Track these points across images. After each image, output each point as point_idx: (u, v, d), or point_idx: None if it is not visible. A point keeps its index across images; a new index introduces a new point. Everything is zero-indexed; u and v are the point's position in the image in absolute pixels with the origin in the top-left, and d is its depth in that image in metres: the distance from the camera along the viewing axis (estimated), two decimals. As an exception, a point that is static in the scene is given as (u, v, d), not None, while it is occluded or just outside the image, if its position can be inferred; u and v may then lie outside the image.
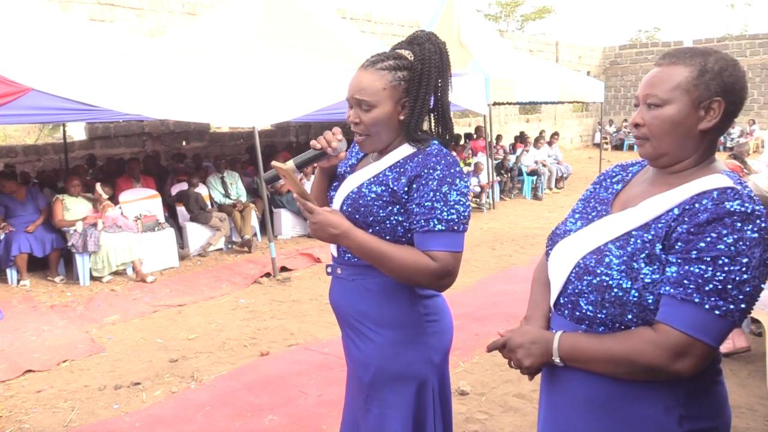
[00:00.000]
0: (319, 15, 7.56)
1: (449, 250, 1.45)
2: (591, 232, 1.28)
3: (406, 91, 1.50)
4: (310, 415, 3.14)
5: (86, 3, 9.30)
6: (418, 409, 1.59)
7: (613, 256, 1.19)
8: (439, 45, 1.52)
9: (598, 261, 1.20)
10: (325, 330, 4.42)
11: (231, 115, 5.73)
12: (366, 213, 1.51)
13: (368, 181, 1.54)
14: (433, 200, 1.44)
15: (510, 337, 1.34)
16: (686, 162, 1.23)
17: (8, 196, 6.11)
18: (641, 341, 1.14)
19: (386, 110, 1.50)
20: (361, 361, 1.60)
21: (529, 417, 3.06)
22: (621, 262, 1.17)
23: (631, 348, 1.15)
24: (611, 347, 1.17)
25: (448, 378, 1.69)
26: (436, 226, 1.44)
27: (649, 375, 1.15)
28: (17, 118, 4.98)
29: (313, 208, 1.47)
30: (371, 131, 1.52)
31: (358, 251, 1.48)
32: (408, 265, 1.44)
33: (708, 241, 1.09)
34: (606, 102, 21.07)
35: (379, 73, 1.49)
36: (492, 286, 5.41)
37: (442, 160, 1.48)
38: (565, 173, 12.13)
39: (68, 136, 9.94)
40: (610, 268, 1.18)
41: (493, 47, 10.58)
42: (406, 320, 1.56)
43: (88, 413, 3.27)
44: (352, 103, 1.53)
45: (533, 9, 30.21)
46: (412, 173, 1.48)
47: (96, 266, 5.93)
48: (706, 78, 1.17)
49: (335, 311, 1.69)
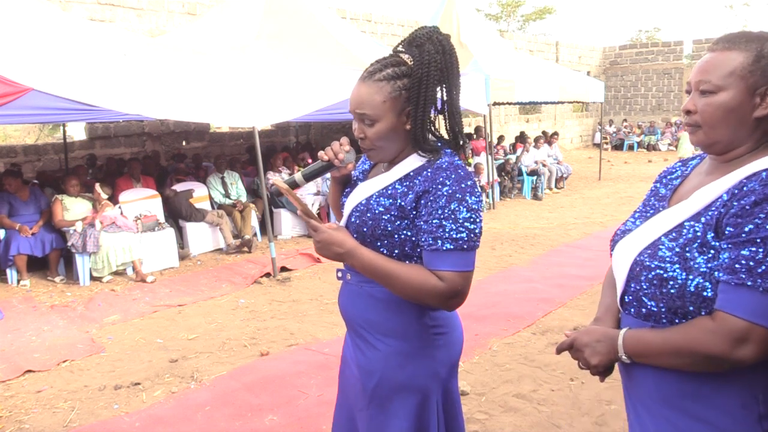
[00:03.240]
0: (319, 15, 7.56)
1: (457, 270, 1.38)
2: (646, 228, 1.27)
3: (408, 100, 1.43)
4: (310, 415, 3.13)
5: (86, 3, 9.30)
6: (421, 421, 1.55)
7: (665, 248, 1.18)
8: (442, 43, 1.43)
9: (652, 255, 1.20)
10: (325, 330, 4.42)
11: (231, 115, 5.72)
12: (374, 226, 1.46)
13: (377, 194, 1.49)
14: (441, 218, 1.38)
15: (576, 337, 1.33)
16: (740, 149, 1.20)
17: (12, 195, 6.12)
18: (700, 330, 1.12)
19: (389, 123, 1.44)
20: (366, 367, 1.57)
21: (529, 417, 3.06)
22: (673, 254, 1.16)
23: (691, 338, 1.13)
24: (672, 339, 1.15)
25: (455, 390, 1.63)
26: (444, 245, 1.38)
27: (713, 365, 1.12)
28: (17, 118, 4.97)
29: (317, 226, 1.43)
30: (376, 145, 1.47)
31: (363, 270, 1.45)
32: (415, 285, 1.39)
33: (756, 222, 1.07)
34: (606, 102, 21.09)
35: (377, 85, 1.42)
36: (492, 286, 5.41)
37: (452, 175, 1.40)
38: (565, 173, 12.13)
39: (68, 136, 9.94)
40: (664, 260, 1.17)
41: (493, 47, 10.58)
42: (413, 332, 1.52)
43: (88, 413, 3.27)
44: (354, 117, 1.48)
45: (534, 9, 30.24)
46: (420, 189, 1.41)
47: (96, 266, 5.93)
48: (762, 64, 1.14)
49: (343, 316, 1.66)
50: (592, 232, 7.76)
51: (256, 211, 7.57)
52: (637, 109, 22.45)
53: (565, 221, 8.57)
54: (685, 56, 21.80)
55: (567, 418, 3.05)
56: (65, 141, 9.39)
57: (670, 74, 21.63)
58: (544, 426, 2.98)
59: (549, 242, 7.21)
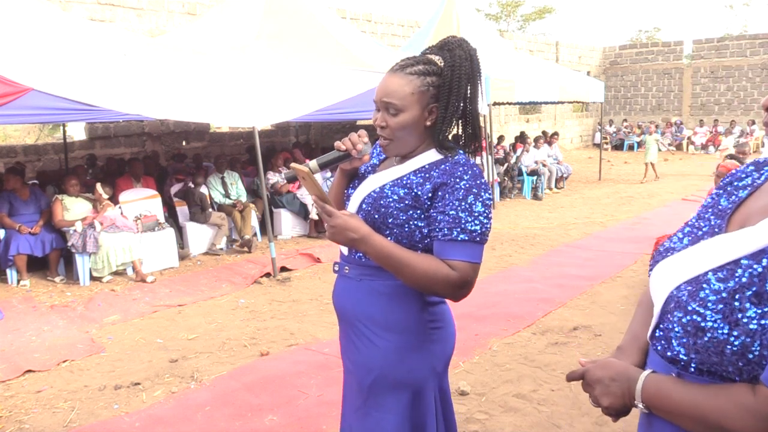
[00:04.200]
0: (319, 15, 7.55)
1: (469, 261, 1.43)
2: (693, 254, 1.01)
3: (435, 97, 1.49)
4: (310, 415, 3.13)
5: (86, 3, 9.30)
6: (418, 415, 1.57)
7: (710, 290, 0.92)
8: (470, 51, 1.51)
9: (692, 294, 0.95)
10: (325, 330, 4.42)
11: (231, 115, 5.73)
12: (386, 214, 1.50)
13: (391, 183, 1.53)
14: (458, 209, 1.43)
15: (589, 369, 1.12)
16: None
17: (12, 195, 6.12)
18: (734, 404, 0.89)
19: (413, 115, 1.49)
20: (363, 364, 1.58)
21: (529, 417, 3.06)
22: (718, 300, 0.91)
23: (722, 409, 0.90)
24: (699, 402, 0.93)
25: (447, 384, 1.68)
26: (459, 235, 1.42)
27: None
28: (17, 118, 4.97)
29: (332, 212, 1.44)
30: (396, 135, 1.51)
31: (376, 257, 1.46)
32: (427, 273, 1.42)
33: None
34: (606, 102, 21.08)
35: (408, 77, 1.48)
36: (492, 286, 5.41)
37: (469, 170, 1.47)
38: (565, 173, 12.13)
39: (68, 136, 9.94)
40: (705, 305, 0.92)
41: (493, 47, 10.58)
42: (412, 326, 1.55)
43: (88, 413, 3.27)
44: (379, 106, 1.52)
45: (533, 9, 30.25)
46: (438, 180, 1.47)
47: (96, 266, 5.93)
48: None
49: (338, 311, 1.67)
50: (592, 232, 7.76)
51: (256, 211, 7.57)
52: (637, 109, 22.45)
53: (565, 221, 8.57)
54: (685, 56, 21.80)
55: (567, 418, 3.05)
56: (65, 141, 9.39)
57: (670, 74, 21.63)
58: (544, 426, 2.98)
59: (549, 242, 7.21)
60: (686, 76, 21.34)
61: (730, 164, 4.58)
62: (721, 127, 19.22)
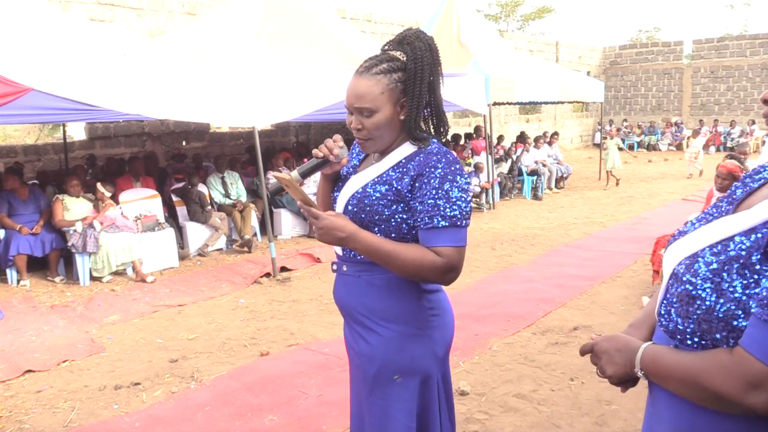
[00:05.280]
0: (319, 15, 7.56)
1: (453, 245, 1.49)
2: (698, 234, 1.11)
3: (403, 91, 1.54)
4: (310, 415, 3.14)
5: (86, 3, 9.30)
6: (422, 402, 1.63)
7: (703, 262, 1.02)
8: (429, 42, 1.56)
9: (688, 267, 1.05)
10: (325, 330, 4.42)
11: (231, 115, 5.73)
12: (371, 212, 1.55)
13: (372, 182, 1.58)
14: (435, 198, 1.48)
15: (597, 342, 1.23)
16: None
17: (11, 194, 6.12)
18: (715, 365, 0.97)
19: (387, 113, 1.54)
20: (368, 353, 1.63)
21: (529, 417, 3.06)
22: (708, 271, 1.00)
23: (704, 370, 0.98)
24: (686, 366, 1.02)
25: (449, 372, 1.74)
26: (440, 222, 1.48)
27: (722, 405, 0.98)
28: (17, 118, 4.98)
29: (318, 214, 1.50)
30: (373, 135, 1.56)
31: (365, 252, 1.52)
32: (414, 262, 1.48)
33: None
34: (606, 102, 21.08)
35: (375, 78, 1.52)
36: (492, 286, 5.41)
37: (443, 159, 1.52)
38: (565, 173, 12.13)
39: (68, 136, 9.94)
40: (696, 276, 1.01)
41: (493, 47, 10.58)
42: (412, 315, 1.60)
43: (88, 413, 3.27)
44: (352, 110, 1.57)
45: (533, 9, 30.26)
46: (415, 172, 1.52)
47: (96, 266, 5.93)
48: None
49: (340, 308, 1.73)
50: (592, 232, 7.76)
51: (256, 211, 7.58)
52: (637, 109, 22.45)
53: (565, 221, 8.57)
54: (685, 56, 21.80)
55: (567, 418, 3.05)
56: (65, 141, 9.39)
57: (670, 74, 21.63)
58: (544, 426, 2.98)
59: (549, 242, 7.21)
60: (686, 76, 21.34)
61: (730, 164, 4.57)
62: (721, 127, 19.22)
